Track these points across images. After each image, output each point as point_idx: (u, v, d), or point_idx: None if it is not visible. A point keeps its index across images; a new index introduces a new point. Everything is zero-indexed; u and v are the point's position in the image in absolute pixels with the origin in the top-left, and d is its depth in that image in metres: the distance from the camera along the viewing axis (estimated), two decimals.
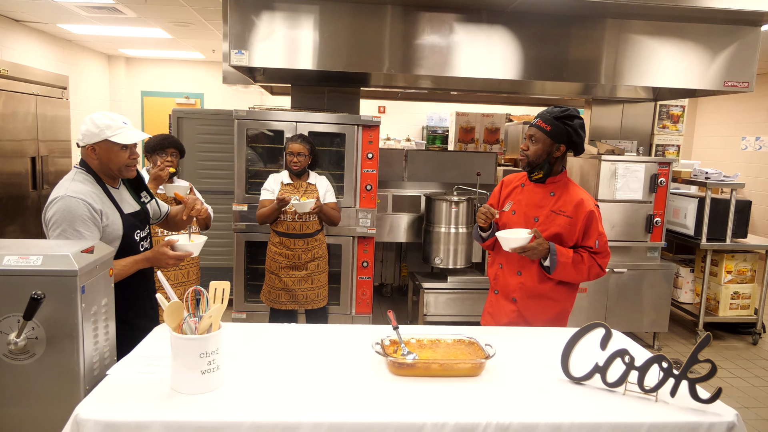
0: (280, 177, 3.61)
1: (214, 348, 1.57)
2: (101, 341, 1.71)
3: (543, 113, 2.42)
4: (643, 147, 5.26)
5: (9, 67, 4.54)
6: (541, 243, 2.33)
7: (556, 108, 2.40)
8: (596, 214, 2.43)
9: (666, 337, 4.87)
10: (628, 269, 4.52)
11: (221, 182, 4.86)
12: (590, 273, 2.43)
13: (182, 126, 4.81)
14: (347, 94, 4.88)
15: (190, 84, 9.36)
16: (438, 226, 4.54)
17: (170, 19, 5.87)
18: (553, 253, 2.36)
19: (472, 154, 5.80)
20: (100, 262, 1.71)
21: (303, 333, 2.08)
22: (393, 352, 1.83)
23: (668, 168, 4.44)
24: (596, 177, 4.43)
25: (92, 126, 2.09)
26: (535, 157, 2.43)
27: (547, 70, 4.03)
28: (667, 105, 5.41)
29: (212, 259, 4.83)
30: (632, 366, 1.67)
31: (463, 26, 3.88)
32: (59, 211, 2.00)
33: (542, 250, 2.34)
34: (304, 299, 3.65)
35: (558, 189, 2.48)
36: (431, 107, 9.36)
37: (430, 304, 4.46)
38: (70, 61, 7.86)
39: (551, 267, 2.38)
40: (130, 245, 2.20)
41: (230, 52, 3.62)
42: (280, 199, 3.36)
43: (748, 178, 7.94)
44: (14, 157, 4.65)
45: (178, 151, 3.33)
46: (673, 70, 4.10)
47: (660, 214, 4.47)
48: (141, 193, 2.34)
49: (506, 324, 2.54)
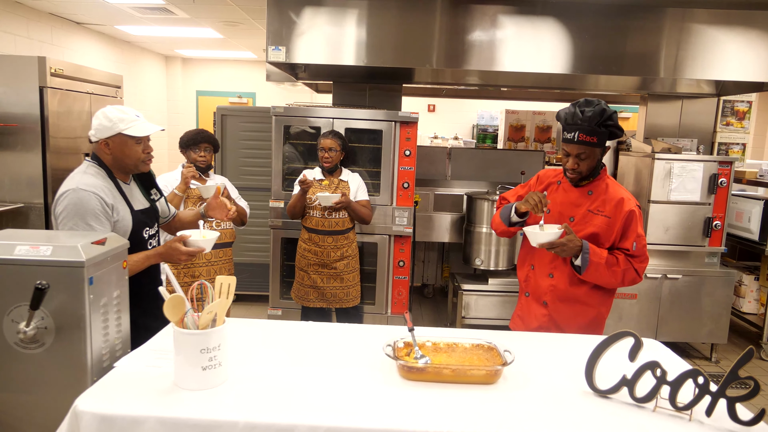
0: (313, 173, 3.59)
1: (216, 344, 1.54)
2: (112, 333, 1.71)
3: (578, 124, 2.20)
4: (704, 146, 4.92)
5: (65, 67, 4.73)
6: (572, 240, 2.19)
7: (585, 111, 2.20)
8: (637, 214, 2.27)
9: (725, 349, 4.54)
10: (684, 275, 4.24)
11: (261, 179, 4.90)
12: (625, 277, 2.27)
13: (226, 123, 4.88)
14: (389, 91, 4.82)
15: (242, 83, 9.56)
16: (479, 226, 4.41)
17: (220, 19, 5.98)
18: (585, 252, 2.20)
19: (519, 152, 5.61)
20: (111, 254, 1.71)
21: (315, 332, 2.03)
22: (406, 355, 1.74)
23: (730, 168, 4.12)
24: (649, 176, 4.18)
25: (105, 120, 2.07)
26: (589, 171, 2.29)
27: (601, 64, 3.83)
28: (731, 101, 5.05)
29: (250, 255, 4.87)
30: (664, 380, 1.52)
31: (512, 18, 3.74)
32: (70, 204, 1.98)
33: (573, 248, 2.19)
34: (333, 298, 3.60)
35: (596, 187, 2.32)
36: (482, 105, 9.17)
37: (469, 306, 4.33)
38: (129, 62, 8.17)
39: (582, 266, 2.22)
40: (138, 242, 2.16)
41: (268, 48, 3.62)
42: (302, 181, 3.32)
43: None
44: (69, 153, 4.84)
45: (211, 146, 3.35)
46: (739, 62, 3.82)
47: (720, 217, 4.16)
48: (151, 191, 2.32)
49: (536, 328, 2.41)
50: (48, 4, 5.72)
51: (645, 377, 1.55)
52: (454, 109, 9.54)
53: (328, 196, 3.35)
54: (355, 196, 3.55)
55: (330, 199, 3.35)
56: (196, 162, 3.33)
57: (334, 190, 3.50)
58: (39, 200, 4.56)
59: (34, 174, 4.54)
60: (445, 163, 5.28)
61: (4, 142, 4.47)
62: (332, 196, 3.35)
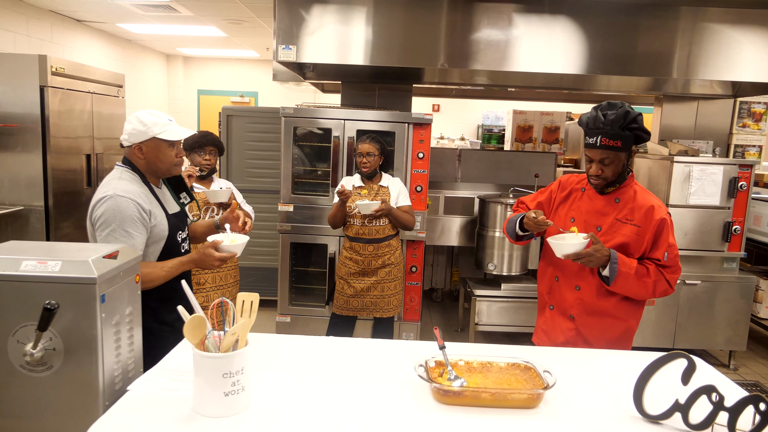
0: (352, 180, 3.48)
1: (239, 368, 1.42)
2: (124, 353, 1.60)
3: (600, 128, 2.09)
4: (720, 148, 4.82)
5: (66, 66, 4.61)
6: (599, 249, 2.07)
7: (608, 114, 2.09)
8: (668, 222, 2.16)
9: (744, 356, 4.44)
10: (702, 281, 4.14)
11: (269, 181, 4.78)
12: (656, 289, 2.15)
13: (231, 124, 4.77)
14: (399, 92, 4.71)
15: (244, 83, 9.44)
16: (492, 230, 4.30)
17: (224, 17, 5.86)
18: (613, 261, 2.08)
19: (530, 154, 5.51)
20: (123, 268, 1.60)
21: (338, 348, 1.91)
22: (438, 375, 1.63)
23: (750, 171, 4.02)
24: (667, 180, 4.07)
25: (138, 124, 2.04)
26: (614, 177, 2.15)
27: (613, 64, 3.72)
28: (748, 102, 4.95)
29: (257, 259, 4.76)
30: (721, 406, 1.41)
31: (522, 17, 3.63)
32: (109, 210, 1.95)
33: (600, 258, 2.07)
34: (373, 307, 3.48)
35: (623, 194, 2.20)
36: (487, 105, 9.07)
37: (482, 312, 4.23)
38: (130, 61, 8.04)
39: (610, 277, 2.11)
40: (173, 246, 2.15)
41: (277, 47, 3.51)
42: (340, 192, 3.22)
43: None
44: (70, 153, 4.72)
45: (216, 149, 3.24)
46: (755, 63, 3.72)
47: (740, 222, 4.06)
48: (180, 194, 2.27)
49: (563, 343, 2.30)
50: (48, 2, 5.60)
51: (699, 402, 1.44)
52: (459, 109, 9.43)
53: (367, 204, 3.22)
54: (396, 202, 3.42)
55: (369, 207, 3.22)
56: (200, 165, 3.22)
57: (374, 197, 3.37)
58: (39, 202, 4.45)
59: (34, 175, 4.43)
60: (455, 164, 5.17)
61: (4, 142, 4.35)
62: (371, 204, 3.22)
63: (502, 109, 8.81)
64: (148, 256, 2.06)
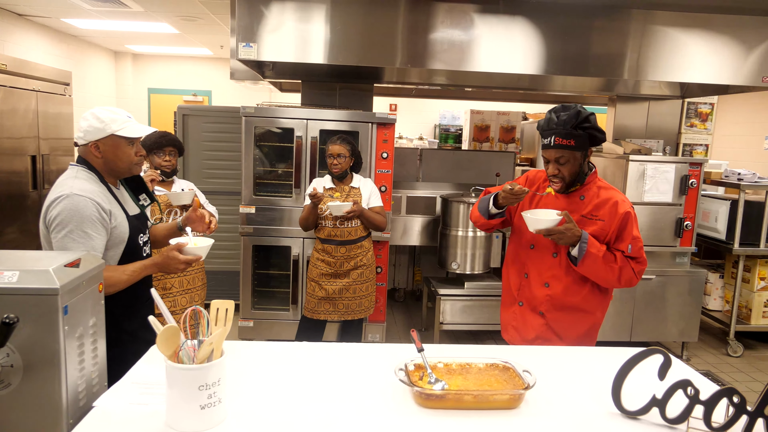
0: (323, 182, 3.43)
1: (216, 379, 1.36)
2: (88, 366, 1.51)
3: (553, 128, 2.16)
4: (670, 147, 5.00)
5: (8, 62, 4.36)
6: (571, 228, 2.14)
7: (560, 115, 2.16)
8: (632, 215, 2.24)
9: (695, 346, 4.62)
10: (657, 275, 4.28)
11: (228, 182, 4.66)
12: (621, 276, 2.21)
13: (188, 123, 4.62)
14: (360, 91, 4.67)
15: (198, 81, 9.19)
16: (455, 229, 4.32)
17: (177, 13, 5.67)
18: (583, 241, 2.15)
19: (489, 153, 5.57)
20: (87, 277, 1.51)
21: (313, 353, 1.87)
22: (418, 378, 1.61)
23: (700, 169, 4.19)
24: (623, 178, 4.19)
25: (96, 121, 1.93)
26: (571, 177, 2.23)
27: (569, 65, 3.79)
28: (695, 103, 5.16)
29: (219, 262, 4.63)
30: (697, 399, 1.44)
31: (481, 17, 3.65)
32: (66, 210, 1.84)
33: (571, 236, 2.15)
34: (345, 309, 3.44)
35: (588, 191, 2.28)
36: (444, 105, 9.13)
37: (446, 311, 4.24)
38: (75, 57, 7.69)
39: (578, 257, 2.17)
40: (134, 249, 2.05)
41: (238, 45, 3.41)
42: (312, 195, 3.17)
43: None
44: (14, 155, 4.47)
45: (176, 150, 3.13)
46: (702, 65, 3.86)
47: (691, 218, 4.22)
48: (140, 196, 2.16)
49: (534, 339, 2.35)
50: None
51: (676, 397, 1.47)
52: (416, 109, 9.47)
53: (339, 206, 3.19)
54: (368, 203, 3.40)
55: (341, 208, 3.19)
56: (160, 167, 3.10)
57: (345, 198, 3.34)
58: None
59: None
60: (416, 164, 5.18)
61: None
62: (343, 206, 3.19)
63: (459, 108, 8.89)
64: (108, 260, 1.95)
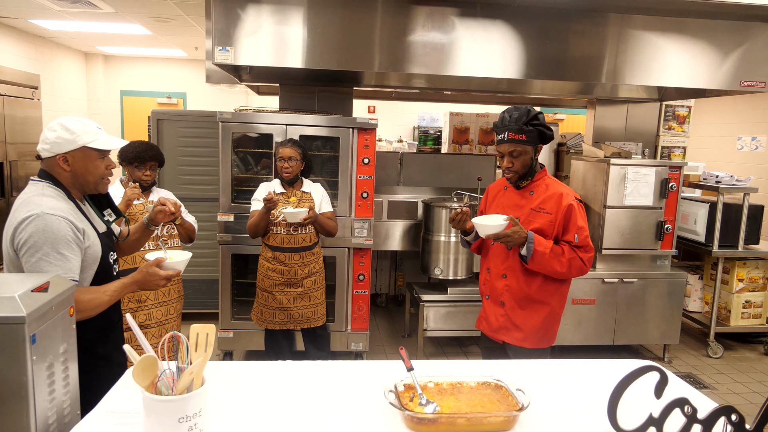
0: (271, 185, 3.33)
1: (197, 410, 1.28)
2: (59, 396, 1.42)
3: (507, 125, 2.36)
4: (649, 149, 5.03)
5: None
6: (518, 231, 2.31)
7: (512, 113, 2.36)
8: (576, 207, 2.39)
9: (676, 348, 4.65)
10: (638, 278, 4.29)
11: (205, 189, 4.55)
12: (572, 266, 2.36)
13: (162, 128, 4.49)
14: (339, 94, 4.59)
15: (172, 83, 8.99)
16: (438, 235, 4.28)
17: (150, 14, 5.52)
18: (530, 242, 2.32)
19: (470, 157, 5.55)
20: (56, 301, 1.42)
21: (296, 373, 1.79)
22: (409, 400, 1.55)
23: (679, 172, 4.21)
24: (604, 181, 4.19)
25: (65, 132, 1.80)
26: (524, 169, 2.41)
27: (548, 69, 3.78)
28: (672, 105, 5.20)
29: (197, 271, 4.51)
30: (695, 418, 1.41)
31: (461, 21, 3.61)
32: (38, 232, 1.71)
33: (518, 238, 2.31)
34: (301, 318, 3.37)
35: (537, 187, 2.46)
36: (423, 107, 9.10)
37: (429, 318, 4.20)
38: (44, 60, 7.46)
39: (527, 255, 2.34)
40: (106, 269, 1.95)
41: (213, 49, 3.31)
42: (268, 199, 3.07)
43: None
44: None
45: (158, 164, 3.03)
46: (679, 69, 3.87)
47: (671, 221, 4.24)
48: (104, 211, 2.05)
49: (498, 328, 2.54)
50: None
51: (673, 415, 1.43)
52: (395, 111, 9.42)
53: (294, 213, 3.11)
54: (319, 208, 3.33)
55: (297, 215, 3.11)
56: (140, 180, 2.98)
57: (297, 204, 3.26)
58: None
59: None
60: (398, 168, 5.12)
61: None
62: (299, 212, 3.11)
63: (437, 110, 8.87)
64: (82, 282, 1.85)
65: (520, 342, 2.48)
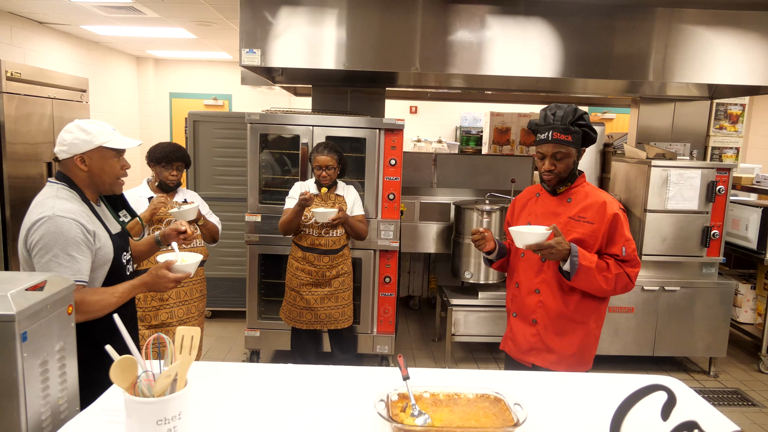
0: (306, 186, 3.35)
1: (176, 412, 1.28)
2: (54, 393, 1.45)
3: (551, 124, 2.15)
4: (698, 150, 4.77)
5: (23, 70, 4.40)
6: (561, 242, 2.06)
7: (557, 112, 2.15)
8: (622, 217, 2.18)
9: (723, 362, 4.38)
10: (681, 287, 4.07)
11: (238, 189, 4.62)
12: (618, 283, 2.14)
13: (198, 129, 4.59)
14: (372, 95, 4.57)
15: (218, 85, 9.21)
16: (468, 238, 4.18)
17: (191, 19, 5.67)
18: (574, 255, 2.08)
19: (507, 158, 5.42)
20: (52, 300, 1.45)
21: (290, 377, 1.77)
22: (401, 409, 1.50)
23: (728, 174, 3.97)
24: (645, 184, 4.00)
25: (81, 133, 1.87)
26: (566, 173, 2.19)
27: (589, 67, 3.66)
28: (724, 103, 4.91)
29: (226, 269, 4.59)
30: None
31: (497, 19, 3.54)
32: (48, 234, 1.77)
33: (561, 251, 2.06)
34: (327, 318, 3.37)
35: (575, 194, 2.23)
36: (466, 107, 8.97)
37: (459, 322, 4.11)
38: (97, 64, 7.78)
39: (571, 272, 2.09)
40: (119, 269, 1.99)
41: (241, 51, 3.35)
42: (304, 196, 3.07)
43: None
44: (28, 161, 4.51)
45: (184, 164, 3.08)
46: (732, 65, 3.67)
47: (718, 226, 4.00)
48: (120, 212, 2.10)
49: (527, 349, 2.31)
50: (5, 3, 5.35)
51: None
52: (437, 111, 9.33)
53: (324, 212, 3.11)
54: (351, 211, 3.33)
55: (327, 215, 3.11)
56: (166, 180, 3.05)
57: (331, 206, 3.27)
58: None
59: None
60: (431, 169, 5.06)
61: None
62: (329, 212, 3.11)
63: (480, 110, 8.72)
64: (93, 282, 1.89)
65: (553, 365, 2.25)
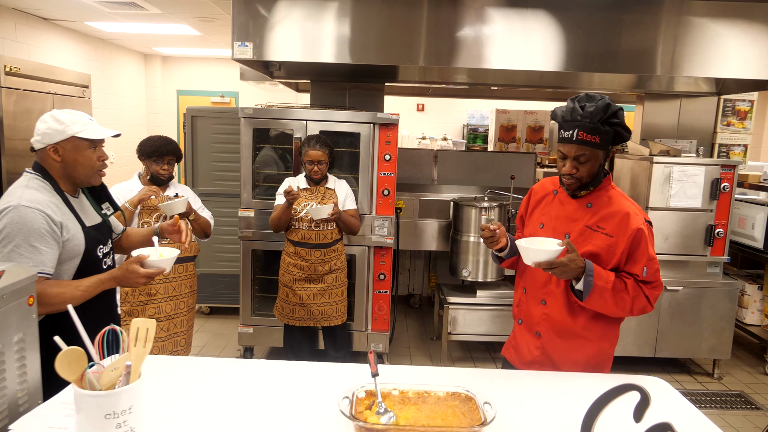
0: (296, 181, 3.31)
1: (127, 406, 1.24)
2: (11, 387, 1.42)
3: (578, 121, 1.84)
4: (704, 147, 4.65)
5: (22, 65, 4.42)
6: (574, 260, 1.79)
7: (586, 106, 1.85)
8: (646, 233, 1.88)
9: (728, 364, 4.27)
10: (684, 287, 3.97)
11: (236, 185, 4.58)
12: (634, 306, 1.88)
13: (196, 125, 4.57)
14: (371, 90, 4.53)
15: (225, 82, 9.22)
16: (466, 235, 4.12)
17: (193, 15, 5.66)
18: (589, 274, 1.81)
19: (509, 155, 5.34)
20: (9, 290, 1.42)
21: (256, 373, 1.73)
22: (367, 408, 1.45)
23: (733, 171, 3.86)
24: (647, 181, 3.90)
25: (54, 123, 1.84)
26: (589, 178, 1.91)
27: (594, 61, 3.56)
28: (732, 100, 4.79)
29: (223, 266, 4.57)
30: None
31: (501, 12, 3.47)
32: (12, 223, 1.75)
33: (575, 269, 1.79)
34: (321, 315, 3.33)
35: (597, 199, 1.94)
36: (473, 105, 8.89)
37: (456, 320, 4.05)
38: (104, 60, 7.82)
39: (584, 292, 1.83)
40: (92, 262, 1.95)
41: (233, 44, 3.32)
42: (288, 192, 3.02)
43: None
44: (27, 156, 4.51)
45: (175, 158, 3.06)
46: (740, 59, 3.57)
47: (723, 225, 3.90)
48: (102, 204, 2.07)
49: (530, 362, 2.07)
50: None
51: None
52: (444, 109, 9.25)
53: (319, 209, 3.07)
54: (343, 205, 3.29)
55: (322, 211, 3.07)
56: (157, 174, 3.03)
57: (321, 200, 3.22)
58: None
59: None
60: (432, 166, 4.99)
61: None
62: (324, 209, 3.07)
63: (487, 108, 8.64)
64: (62, 274, 1.86)
65: None
